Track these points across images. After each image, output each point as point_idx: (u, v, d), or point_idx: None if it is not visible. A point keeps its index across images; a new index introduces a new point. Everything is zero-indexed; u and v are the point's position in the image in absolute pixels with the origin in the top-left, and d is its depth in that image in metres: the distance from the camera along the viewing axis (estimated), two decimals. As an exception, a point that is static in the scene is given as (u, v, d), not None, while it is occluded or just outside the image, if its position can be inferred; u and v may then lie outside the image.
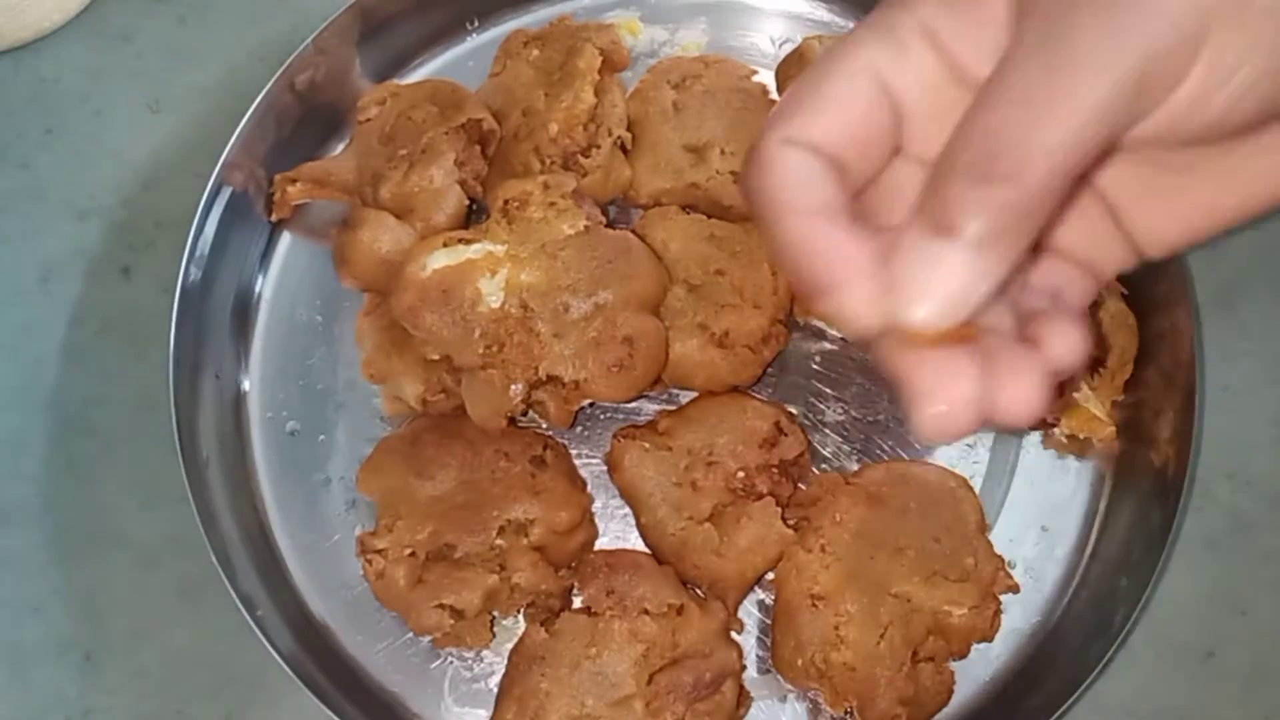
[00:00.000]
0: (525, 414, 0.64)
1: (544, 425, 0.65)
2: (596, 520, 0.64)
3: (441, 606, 0.58)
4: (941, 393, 0.32)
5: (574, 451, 0.64)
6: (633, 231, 0.62)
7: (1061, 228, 0.37)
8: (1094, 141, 0.30)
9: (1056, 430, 0.64)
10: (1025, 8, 0.31)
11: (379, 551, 0.59)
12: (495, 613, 0.61)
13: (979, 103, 0.31)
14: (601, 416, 0.66)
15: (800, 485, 0.62)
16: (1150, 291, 0.64)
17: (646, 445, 0.62)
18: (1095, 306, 0.63)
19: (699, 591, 0.61)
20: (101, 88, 0.74)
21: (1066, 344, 0.35)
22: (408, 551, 0.59)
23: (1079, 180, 0.32)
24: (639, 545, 0.63)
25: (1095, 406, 0.63)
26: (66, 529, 0.65)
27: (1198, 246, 0.40)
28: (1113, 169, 0.36)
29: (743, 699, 0.59)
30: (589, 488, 0.64)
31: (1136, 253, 0.38)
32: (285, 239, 0.69)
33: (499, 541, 0.59)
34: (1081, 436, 0.64)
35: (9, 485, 0.66)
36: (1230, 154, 0.35)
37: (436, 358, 0.59)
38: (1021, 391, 0.33)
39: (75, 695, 0.63)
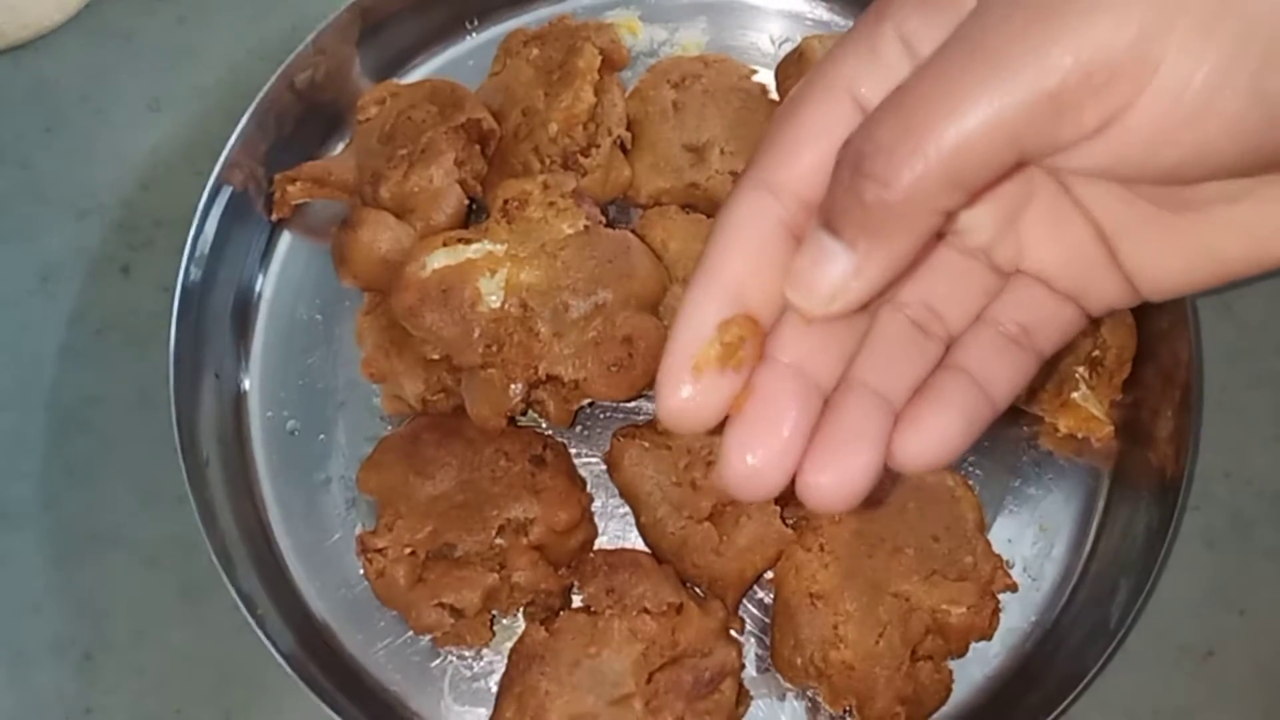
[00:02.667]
0: (525, 413, 0.64)
1: (544, 425, 0.65)
2: (596, 519, 0.64)
3: (441, 605, 0.58)
4: (751, 447, 0.31)
5: (574, 451, 0.65)
6: (632, 231, 0.62)
7: (1045, 247, 0.34)
8: (986, 158, 0.27)
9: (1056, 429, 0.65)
10: (981, 5, 0.29)
11: (379, 550, 0.59)
12: (495, 612, 0.61)
13: (886, 99, 0.29)
14: (601, 416, 0.66)
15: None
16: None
17: (646, 444, 0.62)
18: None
19: (698, 590, 0.61)
20: (101, 87, 0.73)
21: (922, 445, 0.32)
22: (408, 550, 0.59)
23: (978, 194, 0.30)
24: (639, 544, 0.63)
25: (1094, 406, 0.63)
26: (66, 528, 0.65)
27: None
28: (1105, 193, 0.33)
29: (742, 697, 0.59)
30: (589, 487, 0.64)
31: (1133, 293, 0.35)
32: (285, 238, 0.69)
33: (499, 540, 0.59)
34: (1080, 436, 0.64)
35: (8, 484, 0.66)
36: (1241, 199, 0.31)
37: (436, 357, 0.59)
38: (826, 479, 0.31)
39: (75, 694, 0.63)
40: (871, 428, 0.32)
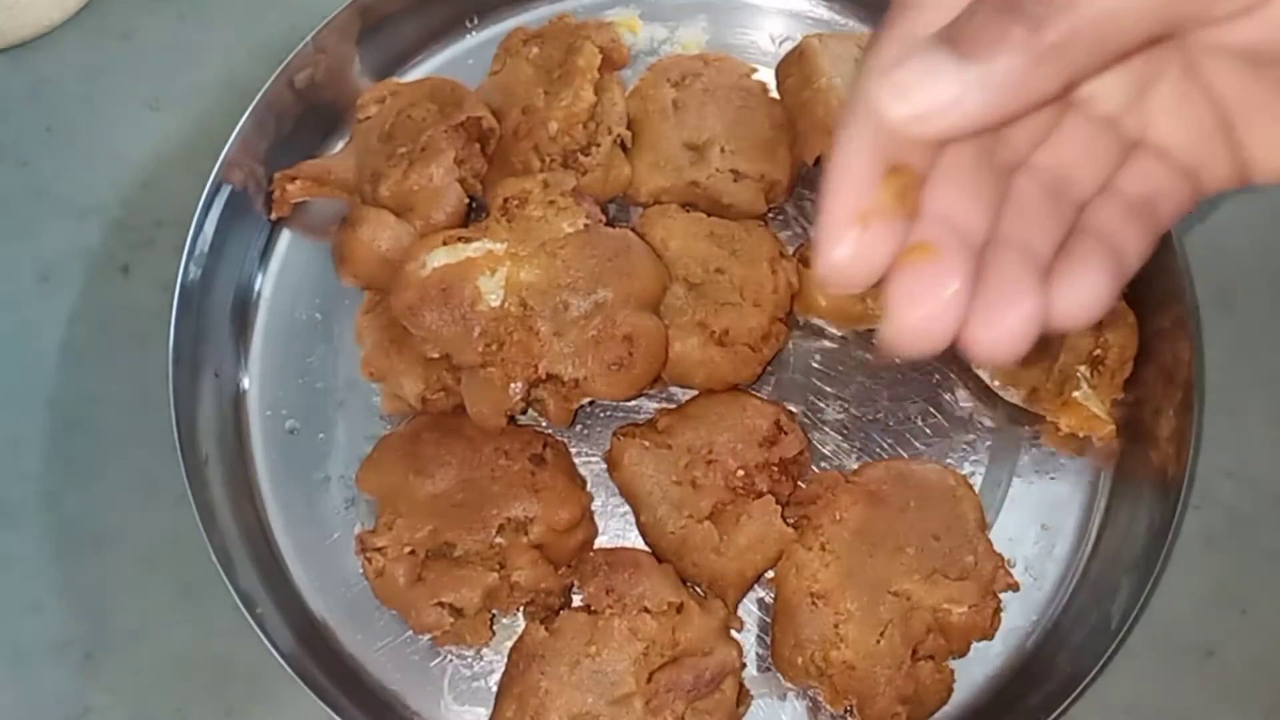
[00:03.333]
0: (525, 412, 0.64)
1: (543, 424, 0.65)
2: (596, 518, 0.64)
3: (441, 605, 0.58)
4: (921, 300, 0.30)
5: (574, 450, 0.64)
6: (633, 229, 0.62)
7: (1169, 122, 0.34)
8: (1136, 25, 0.27)
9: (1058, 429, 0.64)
10: None
11: (378, 550, 0.59)
12: (495, 611, 0.61)
13: None
14: (601, 415, 0.66)
15: (800, 483, 0.62)
16: (1150, 290, 0.64)
17: (646, 443, 0.61)
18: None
19: (699, 590, 0.61)
20: (101, 86, 0.73)
21: (1077, 298, 0.32)
22: (407, 550, 0.59)
23: (1121, 56, 0.29)
24: (639, 543, 0.63)
25: (1095, 405, 0.62)
26: (66, 527, 0.65)
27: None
28: (1231, 73, 0.33)
29: (743, 697, 0.59)
30: (589, 486, 0.64)
31: (1243, 174, 0.35)
32: (284, 237, 0.69)
33: (498, 540, 0.59)
34: (1082, 435, 0.64)
35: (9, 484, 0.66)
36: None
37: (436, 356, 0.59)
38: (996, 330, 0.31)
39: (75, 693, 0.63)
40: (1030, 280, 0.32)
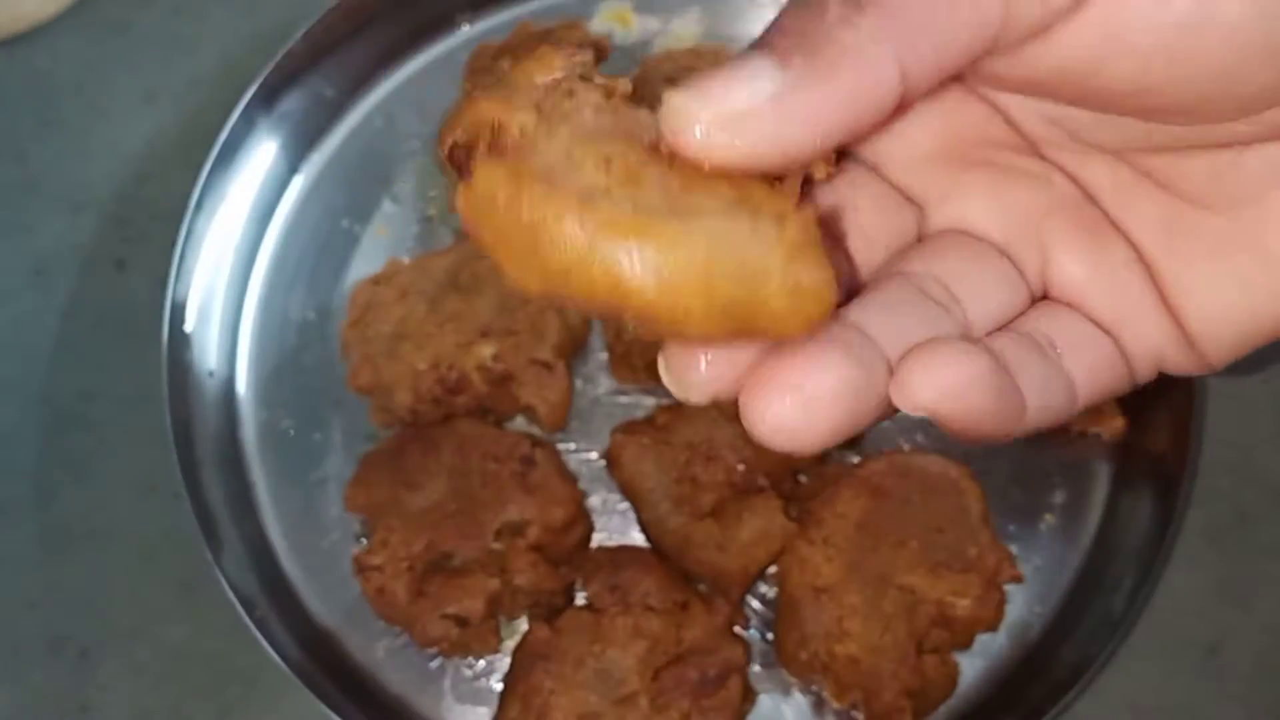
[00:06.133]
0: (512, 419, 0.63)
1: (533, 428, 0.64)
2: (596, 516, 0.63)
3: (445, 616, 0.58)
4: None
5: (571, 446, 0.64)
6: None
7: (1072, 260, 0.29)
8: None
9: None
10: None
11: (376, 568, 0.58)
12: (500, 617, 0.60)
13: None
14: (599, 411, 0.66)
15: (801, 478, 0.62)
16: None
17: (646, 441, 0.61)
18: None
19: (702, 587, 0.61)
20: (96, 79, 0.73)
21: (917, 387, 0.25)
22: (405, 565, 0.58)
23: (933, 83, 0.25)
24: (640, 541, 0.63)
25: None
26: (61, 524, 0.65)
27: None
28: (1144, 199, 0.28)
29: (748, 694, 0.59)
30: (587, 482, 0.63)
31: (1180, 334, 0.29)
32: (280, 234, 0.69)
33: (496, 545, 0.59)
34: (1091, 432, 0.64)
35: (2, 480, 0.66)
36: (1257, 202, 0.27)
37: (424, 368, 0.58)
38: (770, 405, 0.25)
39: (71, 692, 0.62)
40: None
